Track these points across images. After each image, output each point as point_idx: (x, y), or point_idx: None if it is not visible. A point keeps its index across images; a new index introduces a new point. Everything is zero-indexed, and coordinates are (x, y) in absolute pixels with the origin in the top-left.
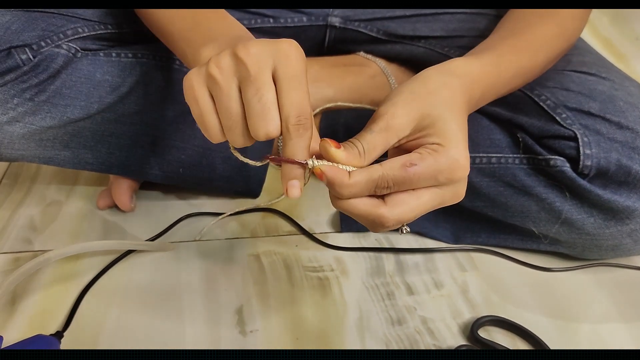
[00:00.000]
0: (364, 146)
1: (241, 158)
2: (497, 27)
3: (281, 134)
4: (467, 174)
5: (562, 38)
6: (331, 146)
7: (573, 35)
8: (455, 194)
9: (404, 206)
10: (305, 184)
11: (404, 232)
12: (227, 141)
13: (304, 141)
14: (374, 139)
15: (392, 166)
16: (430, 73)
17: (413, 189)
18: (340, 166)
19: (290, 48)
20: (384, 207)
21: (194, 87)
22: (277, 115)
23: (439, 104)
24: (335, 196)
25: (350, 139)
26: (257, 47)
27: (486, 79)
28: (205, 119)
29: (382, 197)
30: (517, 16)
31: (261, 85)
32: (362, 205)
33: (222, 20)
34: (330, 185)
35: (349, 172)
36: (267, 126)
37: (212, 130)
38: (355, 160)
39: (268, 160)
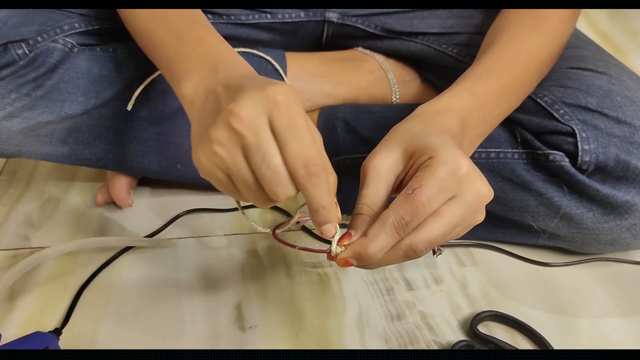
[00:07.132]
0: (369, 203)
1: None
2: (480, 49)
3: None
4: (472, 168)
5: (551, 46)
6: (347, 239)
7: (563, 39)
8: (476, 194)
9: (428, 227)
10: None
11: (439, 253)
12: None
13: (321, 188)
14: (373, 190)
15: (398, 203)
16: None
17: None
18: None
19: (279, 94)
20: (410, 235)
21: (208, 169)
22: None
23: (422, 132)
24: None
25: (356, 205)
26: (247, 110)
27: (466, 110)
28: (233, 195)
29: None
30: (503, 28)
31: (265, 151)
32: (392, 251)
33: (202, 45)
34: (362, 261)
35: (367, 237)
36: (284, 190)
37: (249, 200)
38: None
39: (296, 247)
